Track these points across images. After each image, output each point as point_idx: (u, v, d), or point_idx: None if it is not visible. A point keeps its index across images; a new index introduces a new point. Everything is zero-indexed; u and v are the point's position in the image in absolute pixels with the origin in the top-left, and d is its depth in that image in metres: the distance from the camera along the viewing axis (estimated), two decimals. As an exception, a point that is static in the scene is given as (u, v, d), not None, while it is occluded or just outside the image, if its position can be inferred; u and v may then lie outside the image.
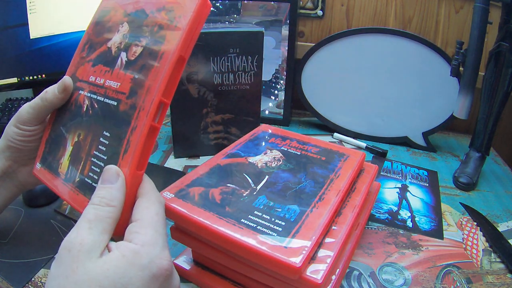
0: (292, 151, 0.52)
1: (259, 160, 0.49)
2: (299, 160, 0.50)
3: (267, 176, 0.45)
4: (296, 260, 0.32)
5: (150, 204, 0.31)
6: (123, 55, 0.37)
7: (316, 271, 0.34)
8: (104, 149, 0.35)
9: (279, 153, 0.52)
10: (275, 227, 0.36)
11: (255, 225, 0.36)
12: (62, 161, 0.39)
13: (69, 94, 0.42)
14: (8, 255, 0.45)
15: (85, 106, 0.39)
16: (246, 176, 0.45)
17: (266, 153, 0.51)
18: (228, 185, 0.43)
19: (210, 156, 0.72)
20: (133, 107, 0.34)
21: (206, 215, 0.38)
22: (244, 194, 0.42)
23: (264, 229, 0.36)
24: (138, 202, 0.32)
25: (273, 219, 0.37)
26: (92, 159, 0.35)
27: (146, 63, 0.34)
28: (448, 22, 0.86)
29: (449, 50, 0.86)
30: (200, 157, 0.72)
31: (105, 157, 0.34)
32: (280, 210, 0.39)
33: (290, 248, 0.34)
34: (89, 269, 0.26)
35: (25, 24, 0.83)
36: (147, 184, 0.33)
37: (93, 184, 0.34)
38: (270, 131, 0.58)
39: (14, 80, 0.86)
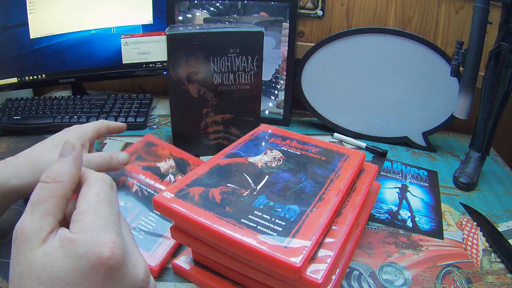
0: (292, 151, 0.52)
1: (259, 160, 0.49)
2: (299, 160, 0.50)
3: (267, 176, 0.45)
4: (296, 260, 0.32)
5: (89, 186, 0.29)
6: (171, 177, 0.57)
7: (316, 271, 0.34)
8: None
9: (279, 153, 0.52)
10: (275, 227, 0.36)
11: (255, 225, 0.36)
12: None
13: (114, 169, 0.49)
14: (8, 255, 0.45)
15: (134, 188, 0.53)
16: (246, 176, 0.45)
17: (266, 153, 0.51)
18: (228, 185, 0.43)
19: (210, 156, 0.72)
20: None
21: (206, 215, 0.37)
22: (244, 194, 0.42)
23: (264, 229, 0.36)
24: (82, 193, 0.29)
25: (273, 219, 0.37)
26: None
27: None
28: (448, 22, 0.86)
29: (449, 50, 0.86)
30: (200, 157, 0.72)
31: None
32: (280, 210, 0.39)
33: (290, 248, 0.34)
34: (30, 260, 0.24)
35: (25, 24, 0.84)
36: (85, 172, 0.31)
37: None
38: (270, 131, 0.58)
39: (14, 80, 0.86)
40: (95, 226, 0.26)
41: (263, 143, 0.54)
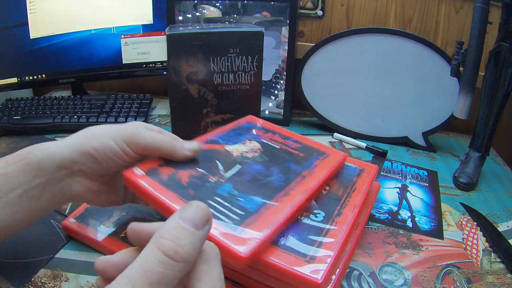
0: (271, 144, 0.52)
1: (236, 149, 0.49)
2: (276, 154, 0.49)
3: (239, 166, 0.45)
4: (241, 249, 0.32)
5: (210, 266, 0.25)
6: None
7: (316, 271, 0.34)
8: None
9: (258, 144, 0.51)
10: (232, 215, 0.36)
11: (212, 210, 0.36)
12: None
13: (193, 156, 0.43)
14: (8, 255, 0.45)
15: None
16: (218, 163, 0.45)
17: (245, 143, 0.51)
18: (197, 169, 0.43)
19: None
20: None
21: (169, 195, 0.37)
22: (212, 180, 0.41)
23: (219, 215, 0.36)
24: (198, 265, 0.25)
25: (233, 208, 0.37)
26: None
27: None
28: (448, 22, 0.86)
29: (449, 50, 0.86)
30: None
31: None
32: (242, 200, 0.39)
33: (240, 237, 0.33)
34: None
35: (25, 24, 0.84)
36: (209, 249, 0.26)
37: None
38: (256, 123, 0.57)
39: (14, 80, 0.86)
40: None
41: (245, 133, 0.54)
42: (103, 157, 0.38)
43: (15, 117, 0.80)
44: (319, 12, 0.91)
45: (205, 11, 0.86)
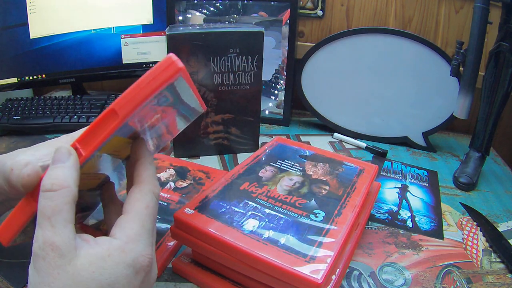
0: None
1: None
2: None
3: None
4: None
5: (142, 196, 0.30)
6: (172, 184, 0.58)
7: (316, 271, 0.34)
8: None
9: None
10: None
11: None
12: None
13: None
14: (8, 255, 0.45)
15: None
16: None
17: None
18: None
19: (210, 156, 0.72)
20: None
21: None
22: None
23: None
24: (131, 191, 0.30)
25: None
26: None
27: None
28: (448, 22, 0.86)
29: (449, 50, 0.86)
30: (200, 157, 0.72)
31: None
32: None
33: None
34: (73, 273, 0.25)
35: (25, 24, 0.83)
36: (144, 172, 0.32)
37: None
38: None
39: (14, 80, 0.86)
40: (141, 238, 0.28)
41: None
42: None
43: (15, 117, 0.79)
44: (319, 12, 0.91)
45: (189, 15, 0.86)
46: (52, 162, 0.28)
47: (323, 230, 0.39)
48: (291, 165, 0.52)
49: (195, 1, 0.85)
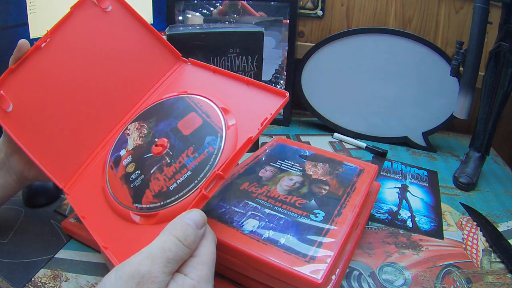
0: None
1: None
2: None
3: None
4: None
5: (209, 243, 0.33)
6: None
7: (316, 271, 0.34)
8: None
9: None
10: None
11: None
12: None
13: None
14: (8, 255, 0.45)
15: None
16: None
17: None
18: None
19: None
20: None
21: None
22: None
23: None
24: (203, 240, 0.33)
25: None
26: None
27: None
28: (448, 22, 0.86)
29: (449, 50, 0.86)
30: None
31: None
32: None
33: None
34: None
35: (25, 24, 0.83)
36: (208, 232, 0.34)
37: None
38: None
39: (14, 80, 0.86)
40: (209, 280, 0.31)
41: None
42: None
43: (15, 117, 0.79)
44: (319, 12, 0.91)
45: (189, 15, 0.86)
46: (189, 218, 0.32)
47: (323, 230, 0.39)
48: (291, 165, 0.52)
49: (195, 1, 0.85)
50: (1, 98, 0.42)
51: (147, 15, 0.91)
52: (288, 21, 0.80)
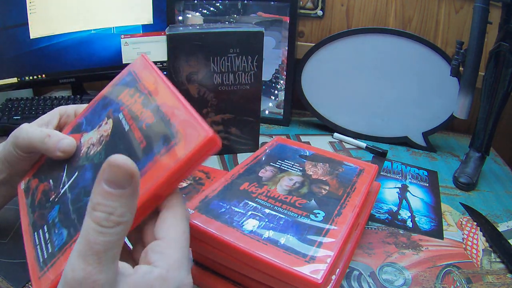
0: (124, 121, 0.34)
1: (88, 139, 0.36)
2: (116, 144, 0.33)
3: (76, 173, 0.33)
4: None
5: (177, 221, 0.28)
6: None
7: (316, 271, 0.34)
8: None
9: (111, 125, 0.34)
10: (40, 254, 0.31)
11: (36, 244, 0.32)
12: None
13: (67, 157, 0.37)
14: (8, 255, 0.45)
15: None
16: (65, 169, 0.35)
17: (101, 125, 0.36)
18: (50, 181, 0.36)
19: (210, 156, 0.72)
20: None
21: (24, 219, 0.35)
22: (50, 198, 0.34)
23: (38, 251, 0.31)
24: (164, 216, 0.28)
25: (48, 244, 0.31)
26: None
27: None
28: (448, 22, 0.86)
29: (449, 50, 0.86)
30: (200, 157, 0.72)
31: None
32: (56, 232, 0.31)
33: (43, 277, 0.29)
34: None
35: (25, 24, 0.83)
36: (174, 196, 0.29)
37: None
38: (134, 74, 0.39)
39: (14, 80, 0.86)
40: (182, 265, 0.26)
41: (112, 102, 0.37)
42: (16, 163, 0.39)
43: (15, 117, 0.79)
44: (319, 12, 0.91)
45: (189, 15, 0.86)
46: (106, 181, 0.23)
47: (323, 230, 0.39)
48: (291, 165, 0.52)
49: (195, 1, 0.85)
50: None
51: (147, 15, 0.91)
52: (288, 18, 0.80)
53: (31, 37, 0.84)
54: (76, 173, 0.33)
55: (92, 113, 0.38)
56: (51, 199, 0.33)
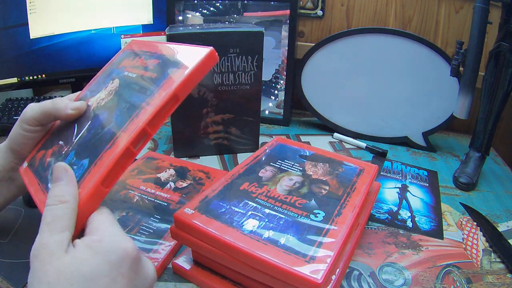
0: (129, 74, 0.41)
1: (96, 99, 0.41)
2: (128, 87, 0.39)
3: (89, 122, 0.38)
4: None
5: (98, 213, 0.32)
6: (172, 184, 0.58)
7: (316, 271, 0.34)
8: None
9: (117, 82, 0.41)
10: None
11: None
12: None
13: (78, 115, 0.41)
14: (8, 255, 0.45)
15: (135, 199, 0.53)
16: (75, 127, 0.39)
17: (107, 86, 0.42)
18: (60, 142, 0.40)
19: (210, 156, 0.72)
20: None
21: (33, 182, 0.38)
22: (63, 152, 0.37)
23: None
24: (92, 215, 0.32)
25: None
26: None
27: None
28: (448, 22, 0.86)
29: (449, 50, 0.86)
30: (200, 157, 0.72)
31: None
32: (76, 167, 0.34)
33: None
34: (58, 268, 0.27)
35: (25, 24, 0.83)
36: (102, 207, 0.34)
37: None
38: (130, 50, 0.48)
39: (14, 80, 0.86)
40: (116, 233, 0.30)
41: (114, 70, 0.44)
42: (21, 145, 0.43)
43: (15, 117, 0.80)
44: (319, 12, 0.91)
45: (189, 15, 0.86)
46: (52, 180, 0.32)
47: (323, 230, 0.39)
48: (291, 165, 0.52)
49: (195, 1, 0.85)
50: None
51: (147, 15, 0.91)
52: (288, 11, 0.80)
53: (31, 37, 0.84)
54: (89, 122, 0.38)
55: (95, 85, 0.44)
56: (63, 152, 0.37)
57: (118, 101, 0.38)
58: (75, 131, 0.39)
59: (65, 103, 0.41)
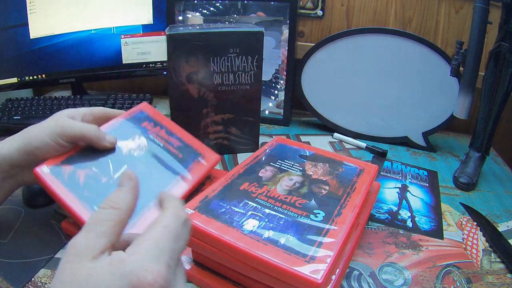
0: (156, 141, 0.54)
1: (125, 145, 0.50)
2: (157, 153, 0.52)
3: (126, 165, 0.48)
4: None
5: (162, 217, 0.30)
6: None
7: (316, 271, 0.34)
8: None
9: (145, 141, 0.53)
10: None
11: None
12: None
13: (110, 147, 0.48)
14: (8, 255, 0.45)
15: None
16: (110, 162, 0.47)
17: (134, 139, 0.52)
18: (93, 168, 0.46)
19: (210, 156, 0.72)
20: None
21: (68, 196, 0.42)
22: (103, 181, 0.45)
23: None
24: (146, 229, 0.30)
25: None
26: None
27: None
28: (448, 22, 0.86)
29: (449, 50, 0.86)
30: (200, 157, 0.72)
31: None
32: None
33: None
34: (75, 271, 0.26)
35: (25, 24, 0.83)
36: (171, 199, 0.32)
37: None
38: (148, 114, 0.57)
39: (14, 80, 0.86)
40: (148, 253, 0.27)
41: (137, 126, 0.54)
42: (44, 152, 0.45)
43: (15, 117, 0.79)
44: (319, 12, 0.91)
45: (189, 15, 0.86)
46: (119, 184, 0.32)
47: (323, 230, 0.39)
48: (291, 165, 0.52)
49: (195, 1, 0.85)
50: None
51: (147, 15, 0.91)
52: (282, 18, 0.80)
53: (31, 37, 0.84)
54: (126, 166, 0.48)
55: (121, 128, 0.52)
56: (103, 182, 0.45)
57: (153, 162, 0.51)
58: (111, 167, 0.46)
59: (104, 134, 0.47)
